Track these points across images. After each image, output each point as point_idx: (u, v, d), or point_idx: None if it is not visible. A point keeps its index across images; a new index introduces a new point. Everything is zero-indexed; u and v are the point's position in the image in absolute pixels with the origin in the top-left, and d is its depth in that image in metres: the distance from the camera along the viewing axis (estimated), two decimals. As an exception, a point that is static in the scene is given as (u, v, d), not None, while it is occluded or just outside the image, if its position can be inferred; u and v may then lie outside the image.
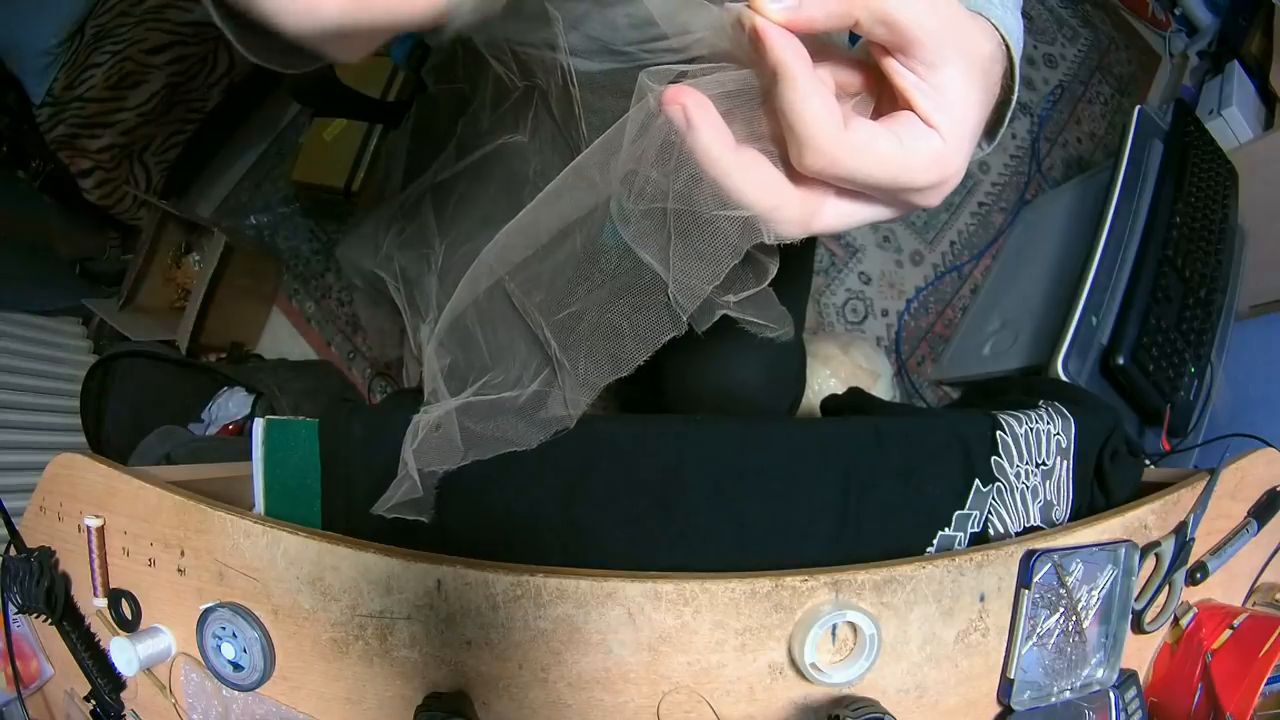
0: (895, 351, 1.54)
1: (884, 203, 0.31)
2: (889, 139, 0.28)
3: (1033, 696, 0.46)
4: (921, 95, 0.28)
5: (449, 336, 0.47)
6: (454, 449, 0.44)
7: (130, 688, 0.50)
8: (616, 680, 0.42)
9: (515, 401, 0.44)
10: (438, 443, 0.44)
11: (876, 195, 0.31)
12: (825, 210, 0.31)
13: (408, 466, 0.44)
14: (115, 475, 0.48)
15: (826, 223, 0.31)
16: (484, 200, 0.67)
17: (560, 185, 0.35)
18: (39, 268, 1.46)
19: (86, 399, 1.26)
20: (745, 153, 0.29)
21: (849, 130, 0.28)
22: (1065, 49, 1.86)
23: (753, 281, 0.36)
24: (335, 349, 1.55)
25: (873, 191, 0.30)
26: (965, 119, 0.29)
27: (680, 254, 0.31)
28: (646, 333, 0.35)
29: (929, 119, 0.29)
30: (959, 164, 0.30)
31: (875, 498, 0.50)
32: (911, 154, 0.29)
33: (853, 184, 0.29)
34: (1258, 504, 0.55)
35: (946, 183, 0.30)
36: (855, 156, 0.28)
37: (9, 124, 1.39)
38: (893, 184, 0.29)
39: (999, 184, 1.69)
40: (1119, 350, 0.97)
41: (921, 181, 0.29)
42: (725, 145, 0.28)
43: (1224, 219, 1.15)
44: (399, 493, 0.44)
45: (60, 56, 1.29)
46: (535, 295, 0.41)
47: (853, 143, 0.27)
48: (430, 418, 0.45)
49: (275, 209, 1.63)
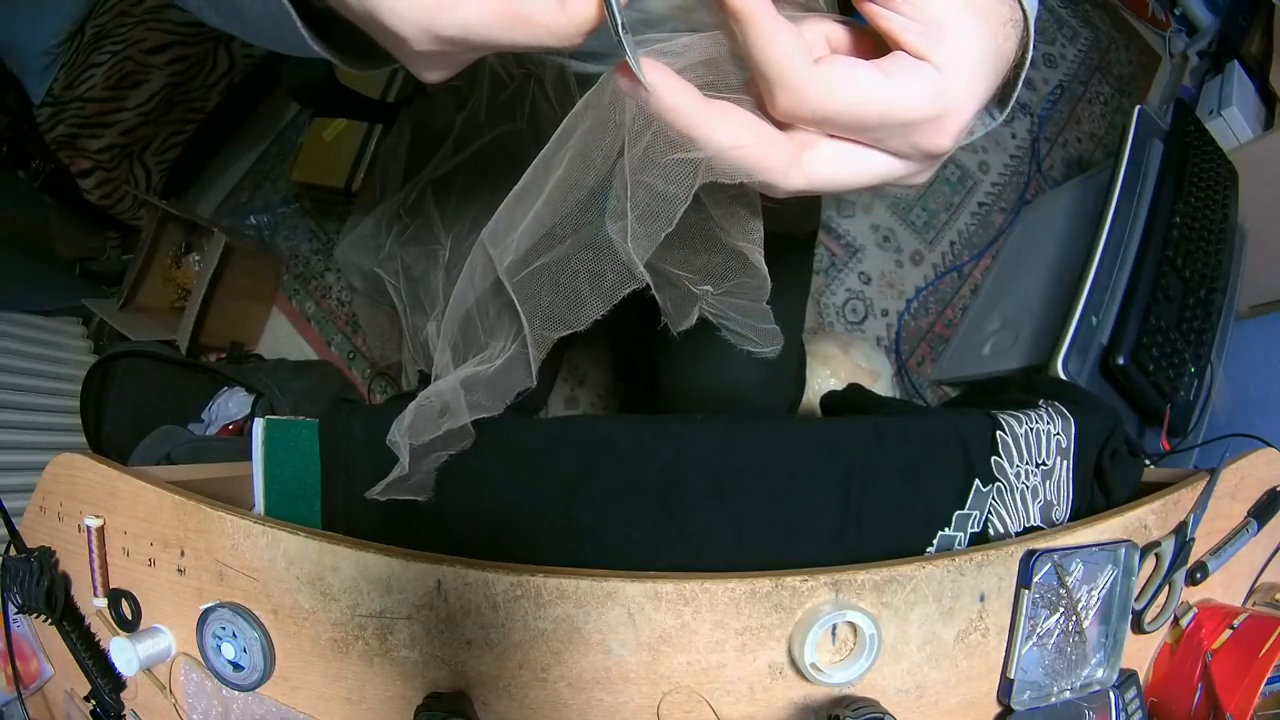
0: (895, 351, 1.54)
1: (886, 148, 0.29)
2: (871, 72, 0.27)
3: (1033, 696, 0.46)
4: (908, 31, 0.27)
5: (449, 325, 0.47)
6: (430, 418, 0.43)
7: (130, 688, 0.50)
8: (616, 680, 0.42)
9: (489, 371, 0.44)
10: (419, 415, 0.43)
11: (873, 140, 0.29)
12: (817, 155, 0.29)
13: (395, 444, 0.43)
14: (115, 475, 0.48)
15: (823, 170, 0.29)
16: (486, 192, 0.67)
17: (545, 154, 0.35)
18: (39, 268, 1.46)
19: (86, 399, 1.26)
20: (715, 101, 0.27)
21: (823, 66, 0.26)
22: (1065, 49, 1.86)
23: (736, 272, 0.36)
24: (335, 349, 1.55)
25: (865, 135, 0.28)
26: (963, 50, 0.27)
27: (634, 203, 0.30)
28: (605, 288, 0.33)
29: (920, 53, 0.27)
30: (962, 96, 0.28)
31: (875, 497, 0.50)
32: (900, 86, 0.27)
33: (837, 125, 0.28)
34: (1258, 504, 0.55)
35: (948, 117, 0.28)
36: (831, 91, 0.26)
37: (9, 124, 1.39)
38: (882, 120, 0.27)
39: (999, 184, 1.69)
40: (1119, 350, 0.97)
41: (917, 114, 0.27)
42: (688, 95, 0.27)
43: (1224, 219, 1.15)
44: (391, 473, 0.43)
45: (60, 56, 1.29)
46: (506, 258, 0.41)
47: (827, 78, 0.26)
48: (419, 398, 0.45)
49: (275, 209, 1.63)
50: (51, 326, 1.41)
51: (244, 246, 1.46)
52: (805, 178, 0.29)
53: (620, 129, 0.29)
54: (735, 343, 0.38)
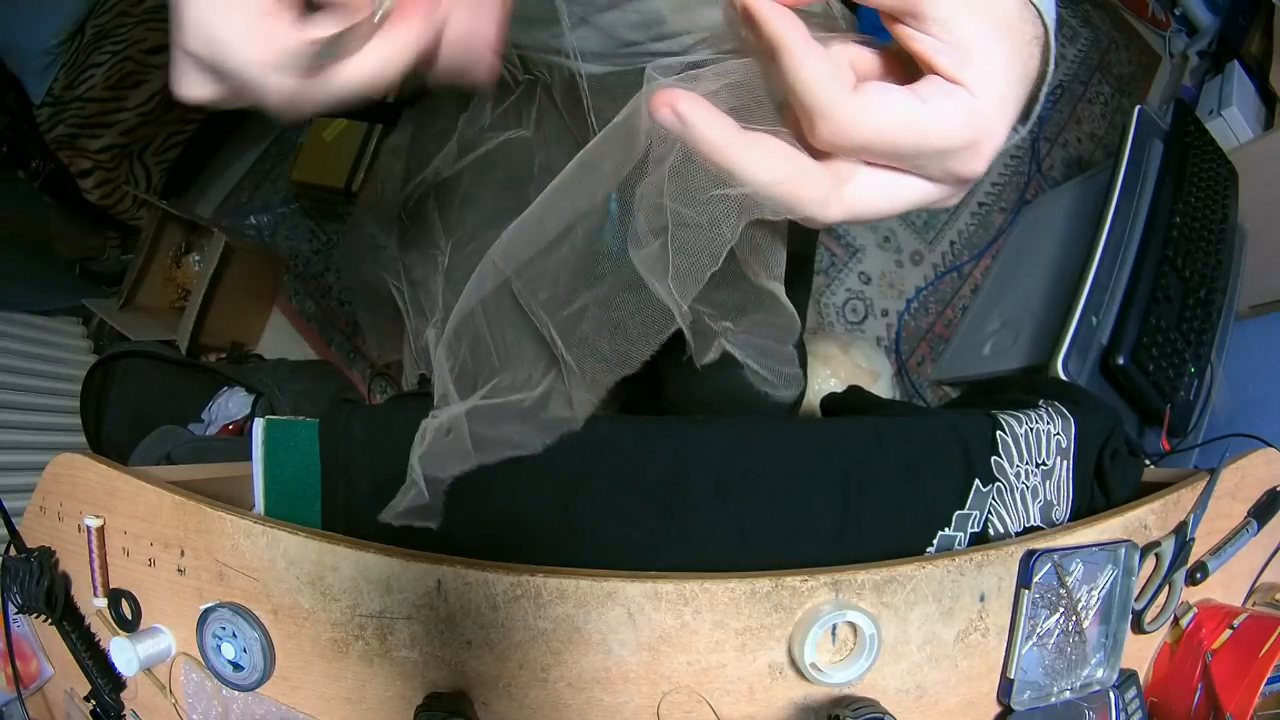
0: (895, 351, 1.54)
1: (922, 174, 0.29)
2: (907, 98, 0.26)
3: (1033, 696, 0.46)
4: (941, 54, 0.26)
5: (456, 338, 0.47)
6: (463, 453, 0.43)
7: (130, 688, 0.50)
8: (616, 680, 0.42)
9: (522, 404, 0.44)
10: (446, 447, 0.43)
11: (910, 166, 0.28)
12: (856, 185, 0.28)
13: (414, 472, 0.43)
14: (115, 475, 0.48)
15: (861, 200, 0.29)
16: (488, 198, 0.67)
17: (565, 179, 0.34)
18: (39, 268, 1.46)
19: (86, 399, 1.26)
20: (751, 134, 0.27)
21: (860, 93, 0.26)
22: (1065, 49, 1.86)
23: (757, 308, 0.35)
24: (335, 349, 1.55)
25: (902, 162, 0.28)
26: (994, 73, 0.27)
27: (678, 244, 0.30)
28: (649, 328, 0.34)
29: (953, 76, 0.26)
30: (994, 119, 0.28)
31: (875, 498, 0.50)
32: (936, 111, 0.26)
33: (875, 152, 0.27)
34: (1258, 504, 0.55)
35: (983, 141, 0.28)
36: (869, 118, 0.26)
37: (9, 124, 1.39)
38: (919, 147, 0.27)
39: (999, 184, 1.69)
40: (1119, 350, 0.97)
41: (954, 141, 0.27)
42: (724, 128, 0.26)
43: (1224, 219, 1.15)
44: (406, 499, 0.44)
45: (60, 56, 1.29)
46: (540, 293, 0.41)
47: (865, 104, 0.26)
48: (439, 422, 0.45)
49: (275, 209, 1.63)
50: (51, 326, 1.41)
51: (244, 246, 1.46)
52: (844, 208, 0.28)
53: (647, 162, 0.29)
54: (754, 383, 0.37)
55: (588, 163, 0.33)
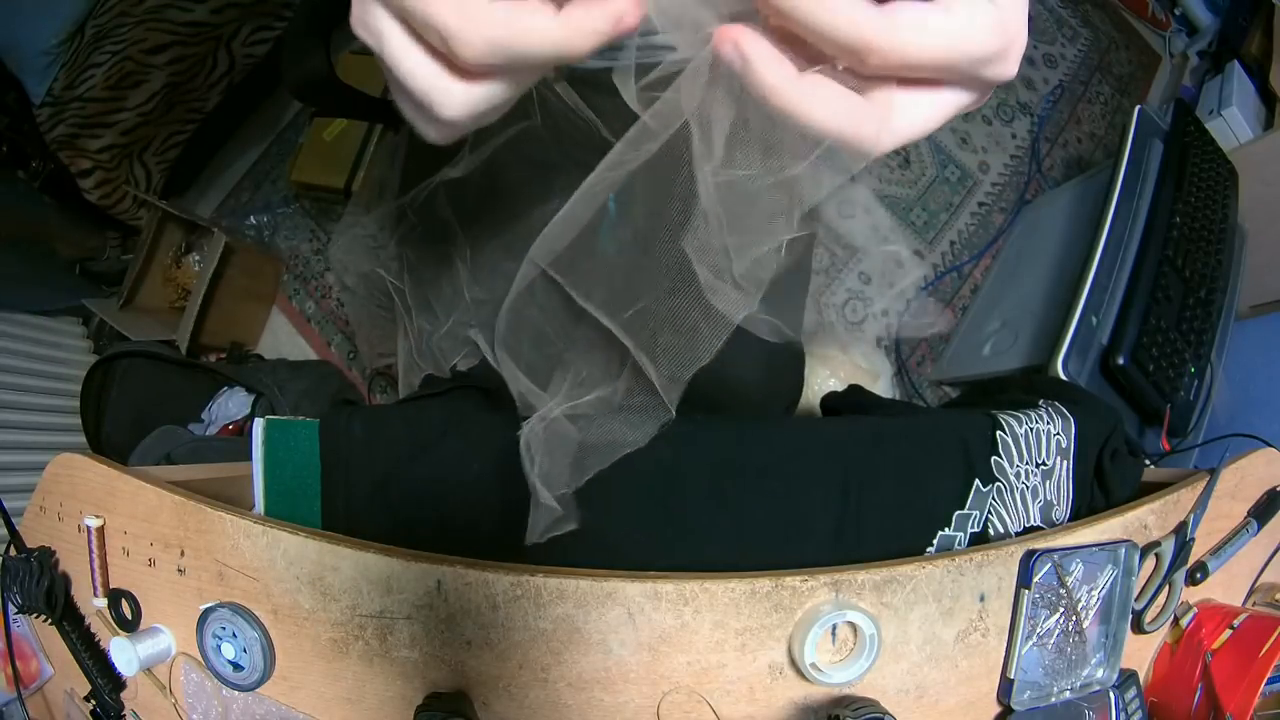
0: (895, 351, 1.54)
1: (957, 84, 0.29)
2: (937, 13, 0.26)
3: (1033, 696, 0.46)
4: None
5: (514, 336, 0.46)
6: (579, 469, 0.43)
7: (130, 688, 0.50)
8: (616, 680, 0.42)
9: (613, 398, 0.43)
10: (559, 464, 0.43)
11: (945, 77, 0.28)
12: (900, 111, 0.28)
13: (540, 494, 0.43)
14: (115, 475, 0.48)
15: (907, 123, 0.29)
16: (507, 191, 0.66)
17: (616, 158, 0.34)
18: (39, 268, 1.46)
19: (86, 399, 1.26)
20: (806, 75, 0.27)
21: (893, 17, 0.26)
22: (1065, 49, 1.86)
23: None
24: (335, 349, 1.55)
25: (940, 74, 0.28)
26: None
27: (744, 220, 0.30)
28: (717, 316, 0.34)
29: None
30: (1018, 24, 0.28)
31: (875, 498, 0.50)
32: (967, 21, 0.26)
33: (918, 69, 0.27)
34: (1258, 504, 0.55)
35: (1012, 46, 0.28)
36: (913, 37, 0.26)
37: (9, 124, 1.39)
38: (956, 59, 0.27)
39: (999, 184, 1.69)
40: (1119, 350, 0.97)
41: (987, 49, 0.27)
42: (784, 67, 0.26)
43: (1224, 219, 1.15)
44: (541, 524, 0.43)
45: (60, 56, 1.29)
46: (596, 294, 0.40)
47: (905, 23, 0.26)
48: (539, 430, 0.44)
49: (275, 209, 1.63)
50: (51, 326, 1.41)
51: (244, 246, 1.46)
52: (893, 137, 0.29)
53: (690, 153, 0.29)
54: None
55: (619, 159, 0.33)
